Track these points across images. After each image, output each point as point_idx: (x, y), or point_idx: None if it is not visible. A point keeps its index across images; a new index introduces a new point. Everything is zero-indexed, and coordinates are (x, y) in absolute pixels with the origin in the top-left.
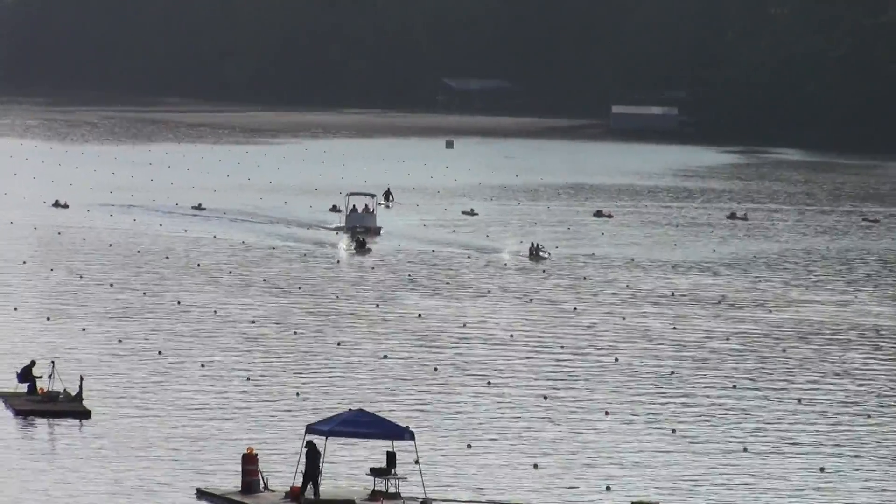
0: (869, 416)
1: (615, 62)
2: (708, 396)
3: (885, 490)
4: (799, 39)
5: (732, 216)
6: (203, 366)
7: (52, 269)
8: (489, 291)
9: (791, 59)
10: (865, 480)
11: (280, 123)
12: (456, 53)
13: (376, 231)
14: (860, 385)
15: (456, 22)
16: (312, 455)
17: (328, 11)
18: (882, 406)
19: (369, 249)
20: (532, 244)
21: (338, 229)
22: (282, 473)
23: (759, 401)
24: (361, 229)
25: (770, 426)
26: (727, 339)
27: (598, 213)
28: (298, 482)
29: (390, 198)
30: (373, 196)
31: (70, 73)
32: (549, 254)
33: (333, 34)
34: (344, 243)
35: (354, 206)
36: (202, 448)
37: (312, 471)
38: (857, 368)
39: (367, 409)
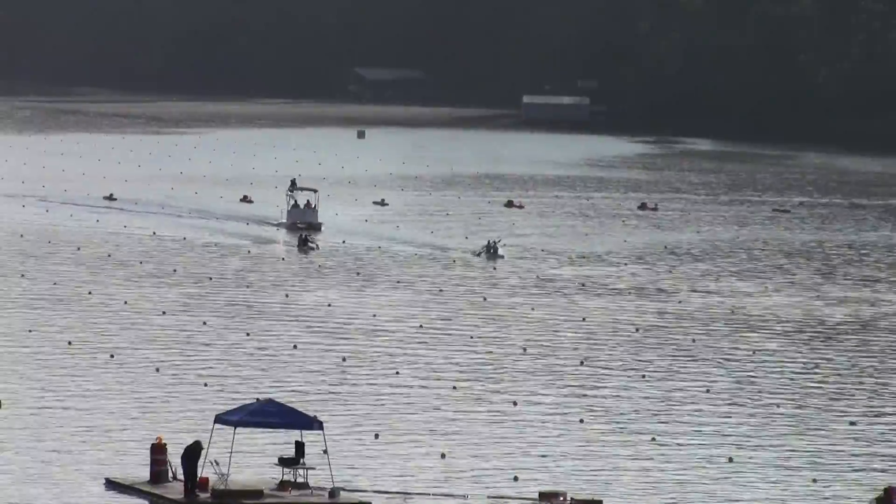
0: (778, 406)
1: (528, 52)
2: (617, 387)
3: (793, 481)
4: (710, 30)
5: (643, 206)
6: (112, 356)
7: None
8: (399, 282)
9: (702, 49)
10: (774, 471)
11: (192, 113)
12: (368, 43)
13: (317, 227)
14: (769, 375)
15: (368, 11)
16: (194, 454)
17: (240, 1)
18: (791, 396)
19: (312, 247)
20: (489, 242)
21: (279, 225)
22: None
23: (667, 391)
24: (303, 225)
25: (679, 416)
26: (636, 330)
27: (509, 204)
28: (206, 472)
29: (296, 189)
30: (315, 191)
31: None
32: (504, 255)
33: (245, 24)
34: (285, 240)
35: (296, 201)
36: (111, 438)
37: (192, 469)
38: (766, 358)
39: (276, 400)
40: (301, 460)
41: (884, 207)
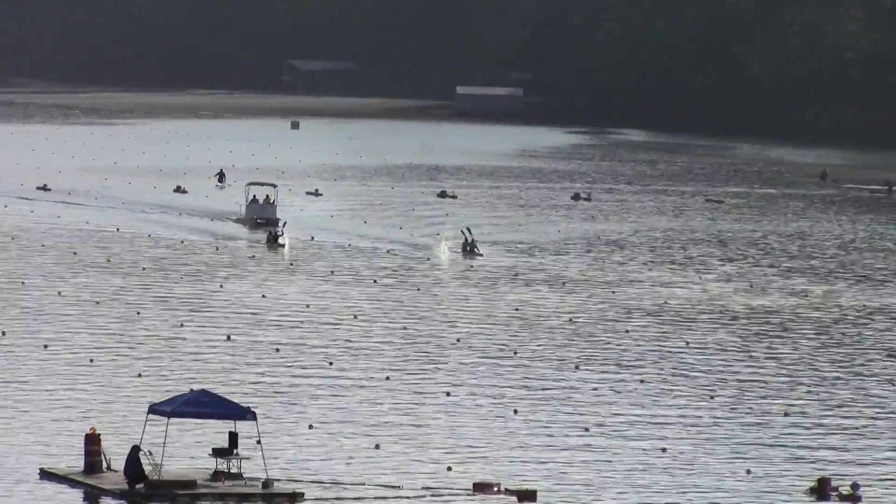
0: (712, 397)
1: (462, 43)
2: (550, 377)
3: (727, 472)
4: (645, 21)
5: (576, 197)
6: (46, 347)
7: None
8: (333, 273)
9: (637, 40)
10: (707, 462)
11: (126, 105)
12: (302, 34)
13: (275, 223)
14: (703, 365)
15: (302, 2)
16: (134, 458)
17: None
18: (725, 387)
19: (283, 245)
20: (465, 240)
21: (238, 220)
22: (124, 454)
23: (601, 382)
24: (262, 220)
25: (612, 407)
26: (570, 320)
27: (443, 194)
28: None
29: (224, 179)
30: (274, 186)
31: None
32: (483, 253)
33: (179, 16)
34: (255, 236)
35: (255, 196)
36: (45, 428)
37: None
38: (699, 349)
39: (210, 390)
40: (235, 451)
41: (817, 198)
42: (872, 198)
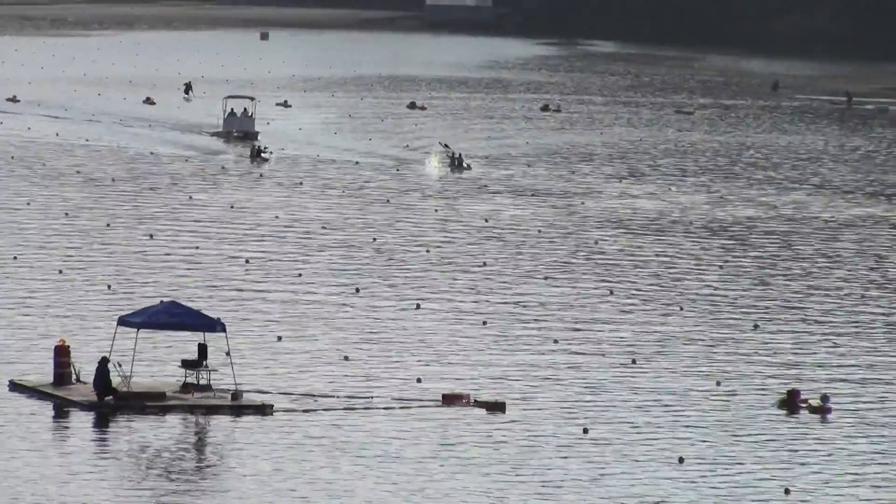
0: (681, 308)
1: None
2: (519, 289)
3: (697, 383)
4: None
5: (546, 108)
6: (15, 258)
7: None
8: (301, 184)
9: None
10: (677, 373)
11: (96, 16)
12: None
13: (254, 136)
14: (672, 277)
15: None
16: (104, 370)
17: None
18: (694, 298)
19: (266, 158)
20: (453, 154)
21: (216, 134)
22: (94, 366)
23: (570, 293)
24: (239, 133)
25: (581, 319)
26: (539, 232)
27: (412, 105)
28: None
29: (190, 91)
30: (252, 99)
31: None
32: (470, 166)
33: None
34: (235, 151)
35: (233, 109)
36: (14, 340)
37: (105, 385)
38: (669, 260)
39: (180, 302)
40: (204, 362)
41: (787, 109)
42: (833, 108)
